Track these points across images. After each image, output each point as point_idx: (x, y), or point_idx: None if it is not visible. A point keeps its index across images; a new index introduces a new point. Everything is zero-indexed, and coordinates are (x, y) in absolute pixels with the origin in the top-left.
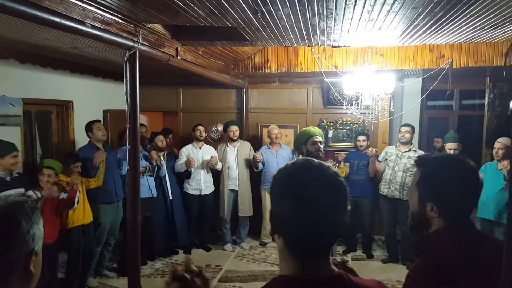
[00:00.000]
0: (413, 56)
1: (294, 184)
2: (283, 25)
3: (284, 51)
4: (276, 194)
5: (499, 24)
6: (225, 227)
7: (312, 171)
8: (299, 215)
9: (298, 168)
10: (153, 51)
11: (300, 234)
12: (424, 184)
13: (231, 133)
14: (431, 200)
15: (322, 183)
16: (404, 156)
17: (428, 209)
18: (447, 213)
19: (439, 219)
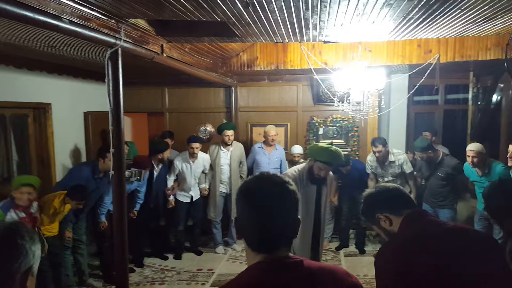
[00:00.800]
0: (402, 51)
1: (247, 193)
2: (275, 19)
3: (274, 48)
4: (237, 203)
5: (491, 17)
6: (215, 227)
7: (261, 181)
8: (252, 218)
9: (252, 180)
10: (136, 48)
11: (256, 234)
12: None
13: (226, 138)
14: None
15: (268, 190)
16: (388, 167)
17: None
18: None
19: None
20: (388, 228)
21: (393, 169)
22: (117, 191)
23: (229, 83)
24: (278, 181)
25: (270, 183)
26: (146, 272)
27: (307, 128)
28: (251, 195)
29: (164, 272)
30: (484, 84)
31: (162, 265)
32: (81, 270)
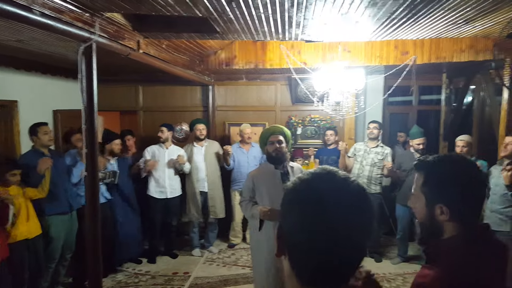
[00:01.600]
0: (379, 52)
1: (309, 197)
2: (259, 16)
3: (252, 46)
4: (287, 206)
5: (472, 19)
6: (193, 231)
7: (336, 186)
8: (315, 236)
9: (319, 181)
10: (112, 43)
11: (312, 259)
12: (430, 185)
13: (198, 132)
14: (440, 202)
15: (346, 201)
16: (372, 151)
17: (437, 213)
18: (458, 215)
19: (452, 224)
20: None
21: (375, 155)
22: (91, 193)
23: (207, 82)
24: (358, 188)
25: (350, 190)
26: (119, 277)
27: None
28: (317, 201)
29: (138, 277)
30: (457, 85)
31: (136, 269)
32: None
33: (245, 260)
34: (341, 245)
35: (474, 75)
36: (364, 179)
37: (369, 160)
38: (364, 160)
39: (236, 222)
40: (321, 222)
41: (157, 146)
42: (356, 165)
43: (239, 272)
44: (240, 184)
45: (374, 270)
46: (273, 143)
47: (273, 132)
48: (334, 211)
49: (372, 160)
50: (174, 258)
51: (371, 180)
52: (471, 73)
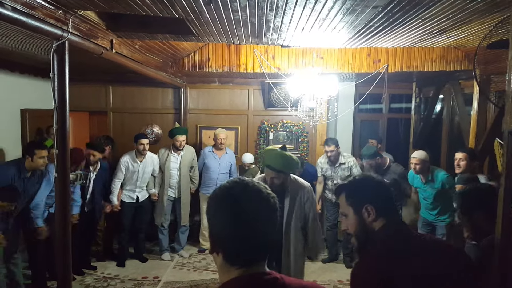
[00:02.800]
0: (352, 59)
1: (228, 199)
2: (237, 19)
3: (226, 50)
4: (214, 212)
5: (447, 29)
6: (162, 232)
7: (243, 187)
8: (233, 226)
9: (232, 185)
10: (85, 42)
11: (236, 244)
12: (353, 195)
13: (178, 143)
14: (364, 203)
15: (253, 196)
16: (338, 170)
17: (365, 216)
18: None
19: (379, 221)
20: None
21: (342, 172)
22: (61, 196)
23: (179, 84)
24: (261, 187)
25: (254, 189)
26: (87, 281)
27: (257, 132)
28: (233, 201)
29: (107, 280)
30: (426, 94)
31: (104, 272)
32: (15, 282)
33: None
34: (257, 232)
35: (443, 84)
36: None
37: (338, 178)
38: (334, 179)
39: (204, 227)
40: (239, 218)
41: (131, 158)
42: (328, 181)
43: (210, 277)
44: (209, 188)
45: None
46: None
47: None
48: (247, 208)
49: (343, 174)
50: (143, 262)
51: None
52: (441, 82)
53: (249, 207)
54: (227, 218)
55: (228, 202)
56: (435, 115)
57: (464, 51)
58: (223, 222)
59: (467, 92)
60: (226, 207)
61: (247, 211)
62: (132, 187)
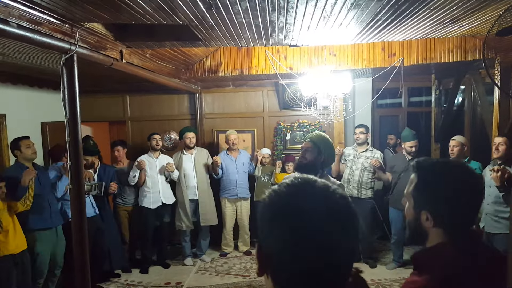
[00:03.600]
0: (366, 55)
1: (289, 212)
2: (240, 21)
3: (238, 53)
4: (266, 223)
5: (458, 18)
6: (184, 240)
7: (314, 196)
8: (295, 251)
9: (296, 191)
10: (93, 54)
11: (301, 276)
12: (420, 190)
13: (188, 140)
14: (425, 208)
15: (327, 212)
16: (361, 156)
17: (423, 218)
18: (444, 224)
19: (438, 230)
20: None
21: (365, 160)
22: (76, 206)
23: (193, 90)
24: (338, 194)
25: (329, 197)
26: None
27: (274, 134)
28: (296, 214)
29: (130, 287)
30: (446, 86)
31: (128, 280)
32: None
33: (238, 269)
34: (328, 258)
35: (463, 75)
36: (354, 184)
37: (358, 165)
38: (354, 165)
39: (227, 231)
40: (306, 237)
41: (146, 156)
42: (346, 170)
43: (232, 281)
44: (229, 191)
45: (369, 276)
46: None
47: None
48: (317, 224)
49: (362, 165)
50: (166, 268)
51: (362, 185)
52: (460, 73)
53: (316, 224)
54: (281, 234)
55: (286, 212)
56: (456, 106)
57: (482, 39)
58: (275, 237)
59: (488, 82)
60: (282, 218)
61: (313, 229)
62: (152, 187)
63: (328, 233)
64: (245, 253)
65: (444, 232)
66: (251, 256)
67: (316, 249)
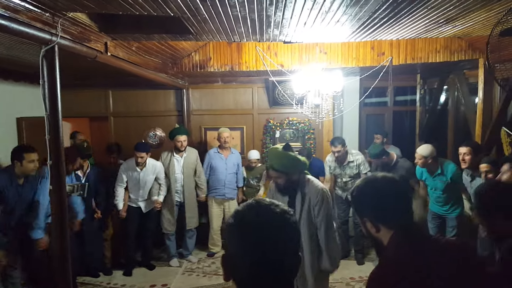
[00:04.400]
0: (356, 53)
1: (241, 226)
2: (235, 15)
3: (228, 48)
4: (227, 236)
5: (453, 18)
6: (169, 239)
7: (258, 211)
8: (247, 255)
9: (246, 210)
10: (76, 46)
11: (250, 274)
12: (355, 208)
13: (179, 144)
14: (364, 215)
15: (267, 222)
16: (346, 167)
17: (368, 226)
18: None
19: (383, 232)
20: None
21: (351, 170)
22: (57, 208)
23: (181, 85)
24: (277, 211)
25: (269, 214)
26: None
27: (263, 131)
28: (246, 228)
29: None
30: (431, 86)
31: (111, 283)
32: None
33: None
34: (274, 261)
35: (447, 75)
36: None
37: (347, 176)
38: (342, 177)
39: (214, 230)
40: (253, 245)
41: (130, 166)
42: (337, 179)
43: (220, 282)
44: (217, 191)
45: (357, 273)
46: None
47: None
48: (262, 235)
49: (351, 173)
50: (151, 270)
51: None
52: (445, 73)
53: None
54: (238, 245)
55: (240, 228)
56: (440, 106)
57: (468, 40)
58: (234, 247)
59: (472, 82)
60: (238, 233)
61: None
62: (136, 196)
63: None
64: None
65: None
66: None
67: (263, 253)
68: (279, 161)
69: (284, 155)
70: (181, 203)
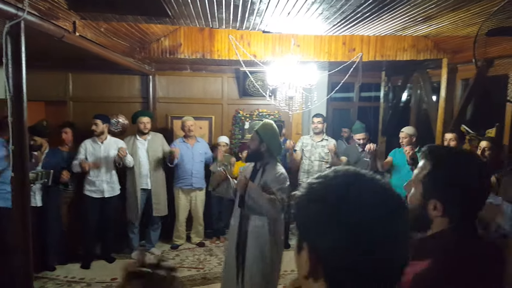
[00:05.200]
0: (328, 48)
1: (348, 208)
2: (220, 0)
3: (199, 35)
4: (320, 220)
5: (431, 17)
6: (133, 232)
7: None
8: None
9: (350, 183)
10: (44, 23)
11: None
12: (433, 178)
13: (142, 125)
14: (436, 197)
15: (386, 207)
16: (318, 145)
17: (430, 207)
18: (452, 214)
19: (444, 219)
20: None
21: (322, 149)
22: (19, 197)
23: (147, 71)
24: (391, 189)
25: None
26: (48, 286)
27: (232, 122)
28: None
29: (71, 285)
30: (395, 83)
31: (68, 276)
32: None
33: (191, 261)
34: (389, 255)
35: (411, 73)
36: (315, 174)
37: (316, 155)
38: (312, 155)
39: (180, 222)
40: (368, 239)
41: (91, 141)
42: (305, 161)
43: (186, 274)
44: (184, 181)
45: None
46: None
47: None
48: (379, 220)
49: (320, 155)
50: (111, 262)
51: None
52: (409, 71)
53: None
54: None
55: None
56: (403, 103)
57: (434, 40)
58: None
59: (435, 81)
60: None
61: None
62: (97, 177)
63: (389, 229)
64: (198, 244)
65: (449, 221)
66: (204, 248)
67: (379, 245)
68: (263, 127)
69: (271, 126)
70: (148, 190)
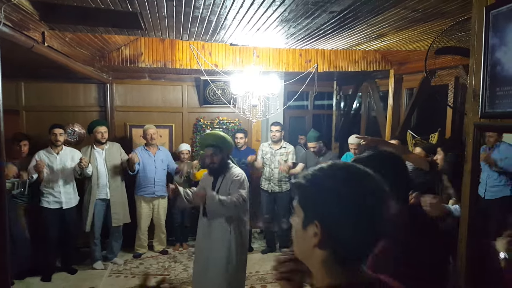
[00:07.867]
0: (286, 59)
1: (351, 190)
2: (195, 16)
3: (160, 44)
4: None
5: (384, 34)
6: (94, 243)
7: (364, 176)
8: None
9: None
10: (15, 34)
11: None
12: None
13: (99, 135)
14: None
15: (377, 188)
16: (277, 153)
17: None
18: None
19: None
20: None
21: (281, 156)
22: None
23: (104, 79)
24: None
25: (374, 177)
26: None
27: (193, 130)
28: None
29: None
30: (346, 92)
31: None
32: None
33: (156, 269)
34: (376, 229)
35: (361, 83)
36: (275, 181)
37: (276, 163)
38: (272, 163)
39: (141, 231)
40: (365, 211)
41: (45, 151)
42: (266, 168)
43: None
44: (146, 189)
45: None
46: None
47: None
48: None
49: (279, 163)
50: (73, 274)
51: (281, 180)
52: (359, 81)
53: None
54: (347, 209)
55: (348, 191)
56: (354, 111)
57: (382, 53)
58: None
59: (383, 90)
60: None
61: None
62: (53, 186)
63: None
64: (161, 252)
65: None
66: (168, 255)
67: (370, 221)
68: (213, 137)
69: (215, 132)
70: (107, 200)
